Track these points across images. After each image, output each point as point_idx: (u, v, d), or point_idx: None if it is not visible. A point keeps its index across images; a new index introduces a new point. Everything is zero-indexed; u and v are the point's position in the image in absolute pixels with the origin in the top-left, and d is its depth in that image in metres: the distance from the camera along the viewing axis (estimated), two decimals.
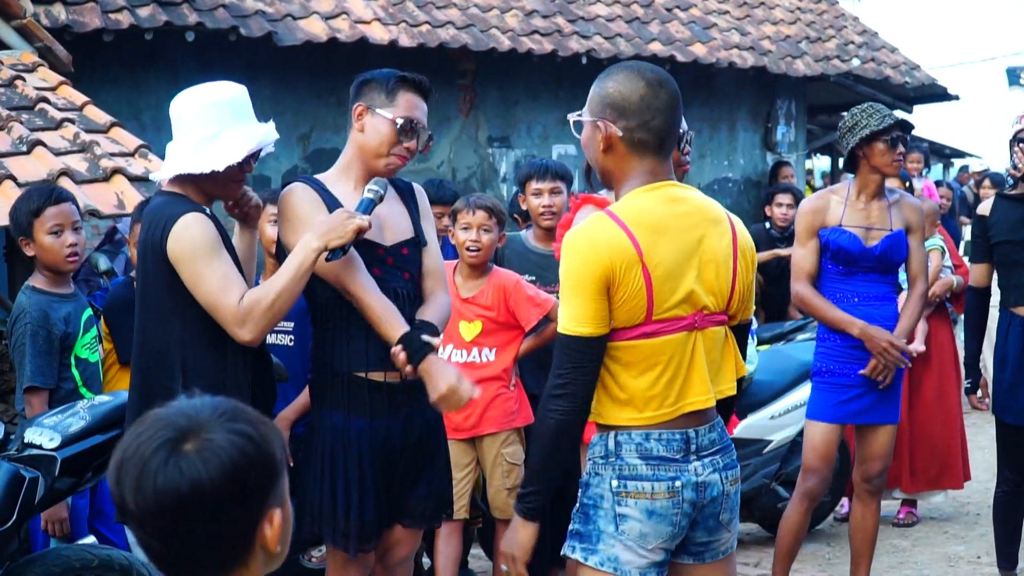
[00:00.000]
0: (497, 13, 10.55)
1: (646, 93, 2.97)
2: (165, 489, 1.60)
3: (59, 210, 4.44)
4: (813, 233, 5.06)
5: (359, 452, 3.74)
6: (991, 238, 5.46)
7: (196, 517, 1.62)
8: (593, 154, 3.07)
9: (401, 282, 3.83)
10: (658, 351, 2.94)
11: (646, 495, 2.95)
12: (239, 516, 1.65)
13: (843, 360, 5.02)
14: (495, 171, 10.86)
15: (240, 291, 3.50)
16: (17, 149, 5.84)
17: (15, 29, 7.16)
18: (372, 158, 3.78)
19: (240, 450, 1.63)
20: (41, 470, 3.84)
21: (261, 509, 1.67)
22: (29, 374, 4.38)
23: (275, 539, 1.69)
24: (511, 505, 5.14)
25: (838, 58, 12.70)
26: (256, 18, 9.09)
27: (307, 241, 3.52)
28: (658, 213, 2.95)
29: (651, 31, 11.36)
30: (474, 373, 5.09)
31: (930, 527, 6.97)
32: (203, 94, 3.69)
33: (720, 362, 3.07)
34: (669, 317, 2.93)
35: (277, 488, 1.69)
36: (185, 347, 3.56)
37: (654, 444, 2.96)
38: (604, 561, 2.96)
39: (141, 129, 8.29)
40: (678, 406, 2.97)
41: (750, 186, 12.55)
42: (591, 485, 3.02)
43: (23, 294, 4.53)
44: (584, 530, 3.01)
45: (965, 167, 18.85)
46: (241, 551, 1.67)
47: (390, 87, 3.78)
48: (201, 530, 1.63)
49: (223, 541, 1.65)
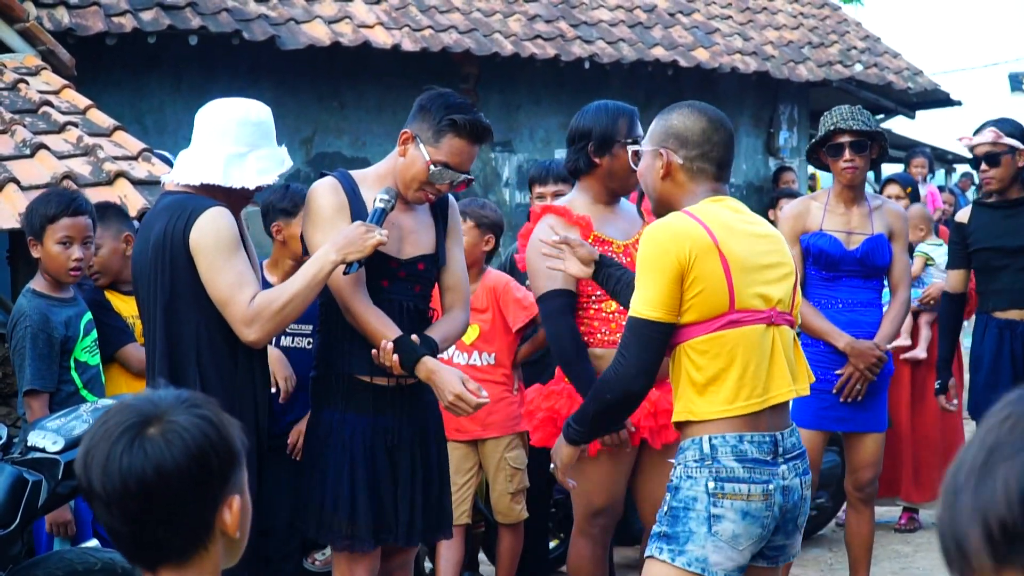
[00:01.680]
0: (500, 17, 10.56)
1: (707, 127, 3.21)
2: (130, 470, 1.66)
3: (73, 223, 4.41)
4: (795, 239, 5.03)
5: (352, 450, 3.75)
6: (969, 245, 5.49)
7: (160, 498, 1.67)
8: (651, 181, 3.26)
9: (409, 296, 3.84)
10: (742, 341, 3.06)
11: (742, 496, 3.05)
12: (200, 498, 1.70)
13: (825, 366, 4.98)
14: (497, 175, 10.86)
15: (253, 291, 3.55)
16: (20, 152, 5.85)
17: (18, 32, 7.16)
18: (404, 185, 3.80)
19: (203, 432, 1.69)
20: (44, 473, 3.83)
21: (221, 493, 1.72)
22: (29, 377, 4.38)
23: (235, 525, 1.73)
24: (514, 510, 5.17)
25: (840, 63, 12.71)
26: (259, 22, 9.10)
27: (325, 252, 3.55)
28: (728, 217, 3.15)
29: (654, 36, 11.36)
30: (476, 376, 5.11)
31: (932, 533, 6.97)
32: (235, 110, 3.72)
33: (795, 363, 3.20)
34: (750, 308, 3.07)
35: (237, 474, 1.74)
36: (200, 339, 3.59)
37: (748, 447, 3.06)
38: (692, 562, 3.04)
39: (144, 133, 8.31)
40: (766, 397, 3.08)
41: (752, 191, 12.55)
42: (681, 488, 3.09)
43: (23, 297, 4.52)
44: (672, 532, 3.08)
45: (966, 173, 18.82)
46: (202, 534, 1.72)
47: (439, 127, 3.71)
48: (165, 511, 1.69)
49: (185, 524, 1.71)
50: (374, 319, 3.69)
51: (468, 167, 3.79)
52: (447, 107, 3.72)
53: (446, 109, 3.71)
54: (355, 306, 3.70)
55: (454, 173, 3.73)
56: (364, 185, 3.83)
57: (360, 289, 3.71)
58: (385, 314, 3.72)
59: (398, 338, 3.65)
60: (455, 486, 4.95)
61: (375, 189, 3.81)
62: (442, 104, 3.74)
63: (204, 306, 3.56)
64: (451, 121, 3.69)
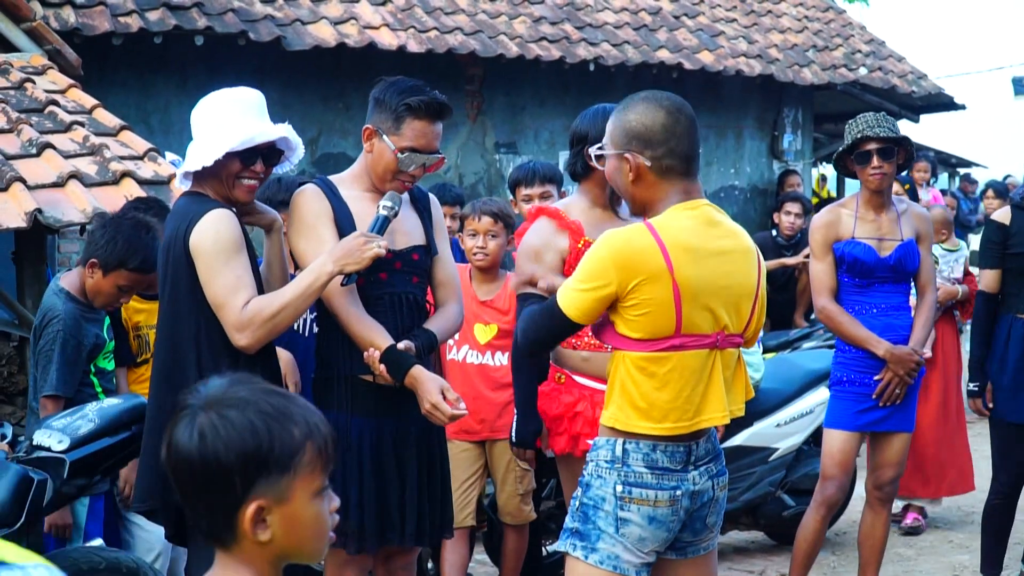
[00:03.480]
0: (505, 19, 10.56)
1: (667, 120, 3.11)
2: (170, 446, 1.84)
3: (142, 279, 4.38)
4: (828, 247, 5.09)
5: (360, 453, 3.75)
6: (1011, 247, 5.51)
7: (181, 482, 1.83)
8: (623, 185, 3.20)
9: (409, 287, 3.85)
10: (683, 365, 3.05)
11: (649, 502, 3.09)
12: (213, 494, 1.81)
13: (862, 370, 5.05)
14: (502, 177, 10.86)
15: (248, 296, 3.52)
16: (27, 152, 5.85)
17: (25, 32, 7.18)
18: (379, 181, 3.81)
19: (218, 434, 1.80)
20: (50, 472, 3.85)
21: (241, 496, 1.80)
22: (53, 382, 4.34)
23: (249, 529, 1.81)
24: (523, 511, 5.18)
25: (845, 67, 12.70)
26: (265, 23, 9.11)
27: (322, 263, 3.54)
28: (695, 234, 3.07)
29: (659, 38, 11.36)
30: (489, 376, 5.11)
31: (935, 536, 6.97)
32: (213, 97, 3.71)
33: (732, 382, 3.19)
34: (695, 333, 3.05)
35: (267, 482, 1.81)
36: (200, 343, 3.58)
37: (660, 455, 3.09)
38: (604, 560, 3.09)
39: (150, 132, 8.32)
40: (695, 421, 3.09)
41: (756, 194, 12.56)
42: (592, 486, 3.13)
43: (57, 297, 4.45)
44: (583, 529, 3.13)
45: (968, 175, 18.80)
46: (223, 529, 1.83)
47: (397, 114, 3.74)
48: (186, 495, 1.84)
49: (203, 513, 1.84)
50: (363, 327, 3.69)
51: (435, 146, 3.81)
52: (400, 93, 3.75)
53: (399, 95, 3.74)
54: (344, 313, 3.70)
55: (424, 156, 3.76)
56: (343, 187, 3.84)
57: (350, 295, 3.71)
58: (375, 320, 3.71)
59: (386, 349, 3.65)
60: (461, 487, 4.96)
61: (354, 190, 3.83)
62: (395, 91, 3.76)
63: (203, 307, 3.56)
64: (406, 106, 3.72)
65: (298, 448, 1.83)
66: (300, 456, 1.83)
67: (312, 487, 1.85)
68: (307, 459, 1.83)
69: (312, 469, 1.84)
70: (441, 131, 3.83)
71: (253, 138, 3.61)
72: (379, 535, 3.79)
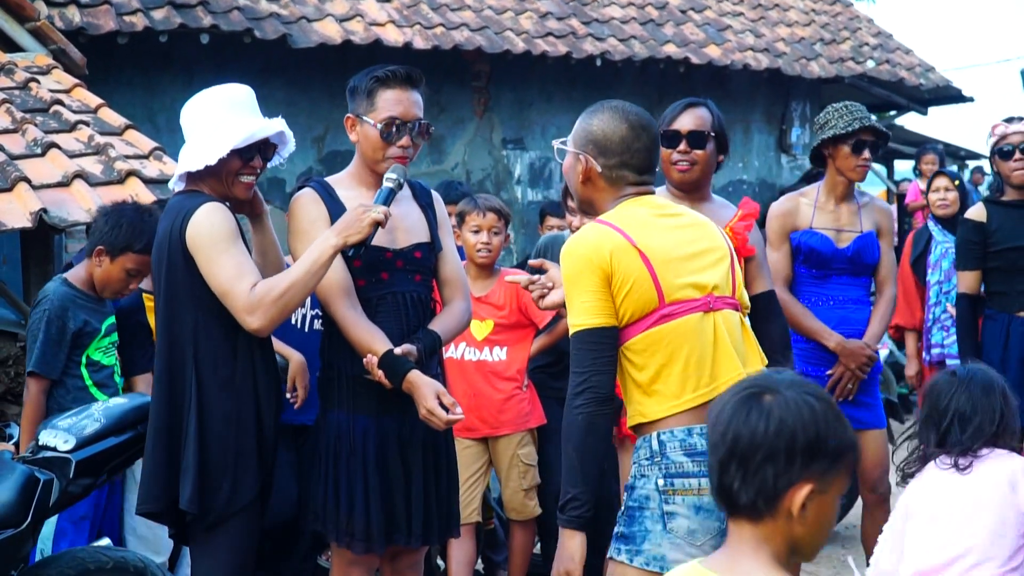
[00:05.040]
0: (511, 15, 10.55)
1: (627, 135, 3.14)
2: (729, 424, 1.99)
3: (147, 260, 4.37)
4: (785, 237, 5.01)
5: (364, 452, 3.73)
6: (992, 245, 5.43)
7: (740, 454, 1.96)
8: (573, 183, 3.25)
9: (411, 286, 3.83)
10: (678, 333, 3.02)
11: (693, 491, 3.00)
12: (772, 468, 1.94)
13: (815, 363, 4.96)
14: (509, 173, 10.85)
15: (253, 280, 3.53)
16: (32, 151, 5.85)
17: (30, 32, 7.17)
18: (373, 164, 3.80)
19: (800, 413, 1.95)
20: (56, 472, 3.84)
21: (797, 474, 1.94)
22: (35, 359, 4.46)
23: (795, 509, 1.94)
24: (528, 506, 5.16)
25: (853, 60, 12.67)
26: (270, 20, 9.11)
27: (325, 238, 3.54)
28: (644, 215, 3.11)
29: (665, 33, 11.34)
30: (488, 372, 5.10)
31: None
32: (204, 95, 3.72)
33: (744, 348, 3.14)
34: (681, 299, 3.03)
35: (820, 468, 1.95)
36: (198, 338, 3.58)
37: (697, 439, 3.00)
38: (650, 561, 2.99)
39: (155, 131, 8.32)
40: (714, 385, 3.02)
41: (765, 188, 12.52)
42: (636, 488, 3.06)
43: (53, 282, 4.59)
44: (629, 532, 3.04)
45: (979, 167, 18.75)
46: (767, 501, 1.96)
47: (368, 90, 3.75)
48: (750, 465, 1.96)
49: (754, 485, 1.96)
50: (361, 332, 3.67)
51: (415, 113, 3.78)
52: (367, 75, 3.78)
53: (367, 77, 3.77)
54: (343, 318, 3.69)
55: (407, 125, 3.75)
56: (341, 187, 3.83)
57: (348, 299, 3.70)
58: (374, 324, 3.69)
59: (384, 354, 3.63)
60: (465, 484, 4.95)
61: (352, 188, 3.82)
62: (363, 76, 3.79)
63: (200, 303, 3.56)
64: (375, 79, 3.75)
65: (849, 447, 1.99)
66: (848, 455, 1.99)
67: (841, 487, 2.00)
68: (849, 460, 1.99)
69: (846, 472, 1.99)
70: (420, 100, 3.82)
71: (255, 134, 3.63)
72: (386, 535, 3.77)
